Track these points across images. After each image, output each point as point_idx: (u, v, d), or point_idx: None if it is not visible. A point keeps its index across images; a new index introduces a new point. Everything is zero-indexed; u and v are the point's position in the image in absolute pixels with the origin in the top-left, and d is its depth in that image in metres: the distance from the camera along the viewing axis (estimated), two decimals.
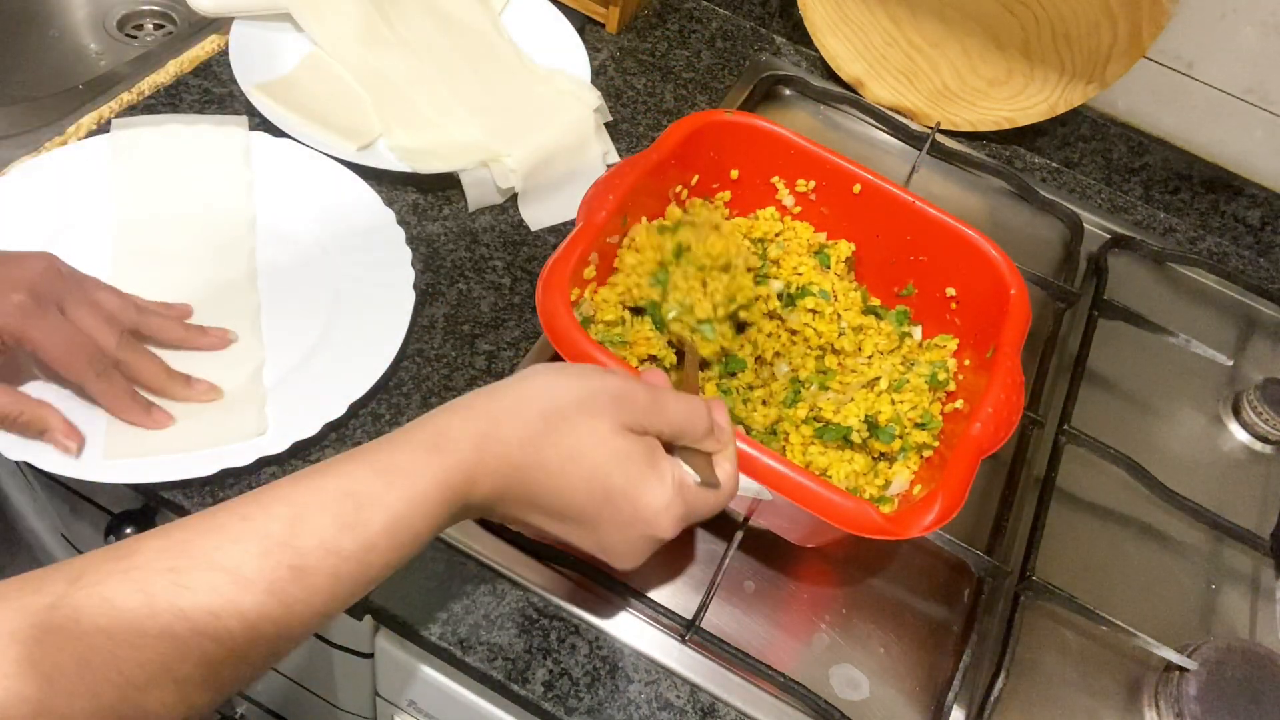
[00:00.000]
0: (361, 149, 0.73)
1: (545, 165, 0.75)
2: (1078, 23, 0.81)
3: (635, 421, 0.45)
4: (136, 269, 0.63)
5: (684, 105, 0.88)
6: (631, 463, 0.45)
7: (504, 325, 0.69)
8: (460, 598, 0.57)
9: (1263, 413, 0.76)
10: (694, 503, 0.47)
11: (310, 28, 0.78)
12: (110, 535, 0.64)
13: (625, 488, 0.44)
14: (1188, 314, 0.86)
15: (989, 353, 0.61)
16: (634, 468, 0.45)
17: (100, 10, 0.98)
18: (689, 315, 0.62)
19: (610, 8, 0.90)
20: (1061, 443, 0.69)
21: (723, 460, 0.49)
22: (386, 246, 0.67)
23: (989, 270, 0.65)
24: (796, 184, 0.70)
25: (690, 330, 0.62)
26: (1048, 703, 0.61)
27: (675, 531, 0.46)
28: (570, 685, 0.55)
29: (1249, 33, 0.81)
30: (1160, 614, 0.66)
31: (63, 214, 0.64)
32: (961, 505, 0.52)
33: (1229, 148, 0.89)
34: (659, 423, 0.46)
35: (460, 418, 0.43)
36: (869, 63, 0.92)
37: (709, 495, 0.48)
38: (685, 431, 0.47)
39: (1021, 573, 0.63)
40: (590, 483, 0.44)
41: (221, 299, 0.63)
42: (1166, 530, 0.71)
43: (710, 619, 0.58)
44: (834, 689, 0.58)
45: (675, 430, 0.47)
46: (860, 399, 0.62)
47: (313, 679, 0.79)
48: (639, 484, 0.45)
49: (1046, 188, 0.91)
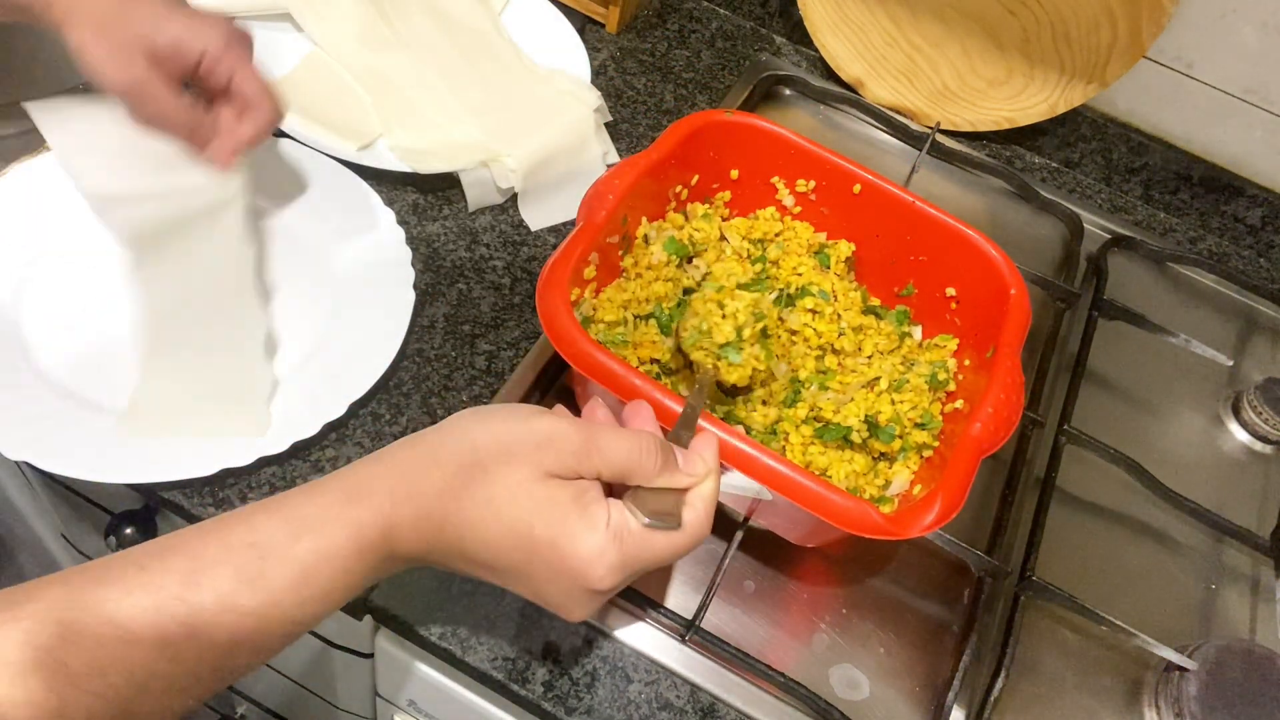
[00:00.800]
0: (361, 149, 0.73)
1: (545, 165, 0.75)
2: (1078, 23, 0.81)
3: (563, 466, 0.42)
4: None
5: (684, 105, 0.88)
6: (555, 511, 0.42)
7: (504, 325, 0.69)
8: (460, 598, 0.57)
9: (1263, 413, 0.76)
10: (639, 549, 0.43)
11: (310, 28, 0.78)
12: (110, 535, 0.64)
13: (550, 538, 0.41)
14: (1188, 314, 0.86)
15: (989, 353, 0.61)
16: (557, 516, 0.42)
17: None
18: (708, 340, 0.58)
19: (610, 8, 0.90)
20: (1061, 443, 0.69)
21: (694, 500, 0.45)
22: (386, 246, 0.67)
23: (989, 270, 0.65)
24: (796, 184, 0.70)
25: (715, 358, 0.59)
26: (1048, 703, 0.61)
27: (613, 581, 0.42)
28: (570, 685, 0.55)
29: (1249, 33, 0.81)
30: (1160, 614, 0.66)
31: (63, 214, 0.64)
32: (961, 505, 0.52)
33: (1229, 148, 0.89)
34: (594, 465, 0.43)
35: (378, 468, 0.42)
36: (869, 63, 0.92)
37: (661, 540, 0.44)
38: (630, 471, 0.44)
39: (1021, 573, 0.63)
40: (512, 535, 0.42)
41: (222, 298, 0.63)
42: (1166, 530, 0.71)
43: (710, 619, 0.58)
44: (834, 689, 0.58)
45: (616, 471, 0.43)
46: (860, 399, 0.62)
47: (313, 679, 0.79)
48: (564, 533, 0.41)
49: (1046, 188, 0.91)
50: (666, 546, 0.44)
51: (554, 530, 0.41)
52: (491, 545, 0.42)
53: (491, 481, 0.42)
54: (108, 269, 0.62)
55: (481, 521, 0.42)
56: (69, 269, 0.62)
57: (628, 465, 0.43)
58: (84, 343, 0.59)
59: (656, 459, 0.44)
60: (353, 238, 0.68)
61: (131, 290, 0.57)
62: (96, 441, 0.55)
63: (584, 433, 0.43)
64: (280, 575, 0.38)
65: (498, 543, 0.42)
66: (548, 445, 0.43)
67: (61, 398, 0.56)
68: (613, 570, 0.42)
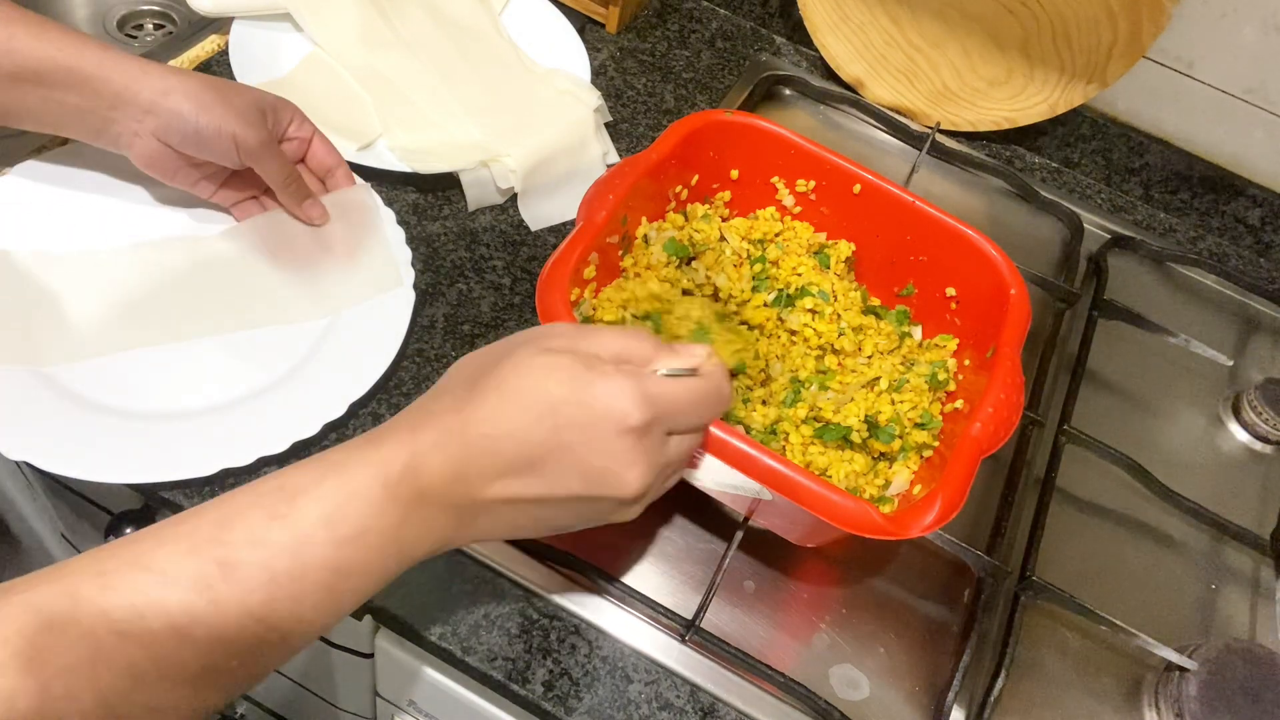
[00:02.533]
0: (361, 149, 0.73)
1: (545, 165, 0.75)
2: (1078, 23, 0.81)
3: (564, 345, 0.43)
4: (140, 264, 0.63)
5: (684, 105, 0.88)
6: (563, 372, 0.41)
7: (504, 325, 0.69)
8: (460, 598, 0.57)
9: (1263, 413, 0.76)
10: (661, 389, 0.43)
11: (310, 28, 0.78)
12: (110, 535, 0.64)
13: (566, 395, 0.41)
14: (1188, 314, 0.86)
15: (989, 353, 0.61)
16: (568, 374, 0.41)
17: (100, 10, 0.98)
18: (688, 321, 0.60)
19: (610, 8, 0.90)
20: (1061, 443, 0.69)
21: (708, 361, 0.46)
22: (386, 246, 0.67)
23: (989, 270, 0.65)
24: (796, 184, 0.70)
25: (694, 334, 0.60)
26: (1048, 703, 0.61)
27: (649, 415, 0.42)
28: (570, 685, 0.55)
29: (1249, 33, 0.81)
30: (1160, 614, 0.66)
31: (64, 214, 0.64)
32: (961, 505, 0.52)
33: (1229, 148, 0.89)
34: (590, 346, 0.43)
35: (397, 415, 0.43)
36: (869, 63, 0.92)
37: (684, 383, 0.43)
38: (626, 353, 0.44)
39: (1021, 573, 0.63)
40: (531, 408, 0.41)
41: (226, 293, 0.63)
42: (1166, 530, 0.71)
43: (710, 619, 0.58)
44: (834, 689, 0.58)
45: (613, 353, 0.43)
46: (860, 399, 0.62)
47: (313, 679, 0.79)
48: (582, 385, 0.41)
49: (1046, 188, 0.91)
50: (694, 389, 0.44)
51: (567, 387, 0.41)
52: (516, 432, 0.41)
53: (497, 378, 0.42)
54: (108, 269, 0.62)
55: (500, 413, 0.41)
56: (69, 269, 0.62)
57: (624, 348, 0.44)
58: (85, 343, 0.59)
59: (651, 343, 0.45)
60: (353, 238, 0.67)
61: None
62: (96, 441, 0.55)
63: (578, 326, 0.45)
64: (311, 513, 0.38)
65: (522, 424, 0.41)
66: (544, 333, 0.44)
67: (62, 398, 0.56)
68: (640, 402, 0.41)
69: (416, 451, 0.40)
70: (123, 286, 0.62)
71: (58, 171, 0.65)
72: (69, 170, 0.65)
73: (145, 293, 0.62)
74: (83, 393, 0.57)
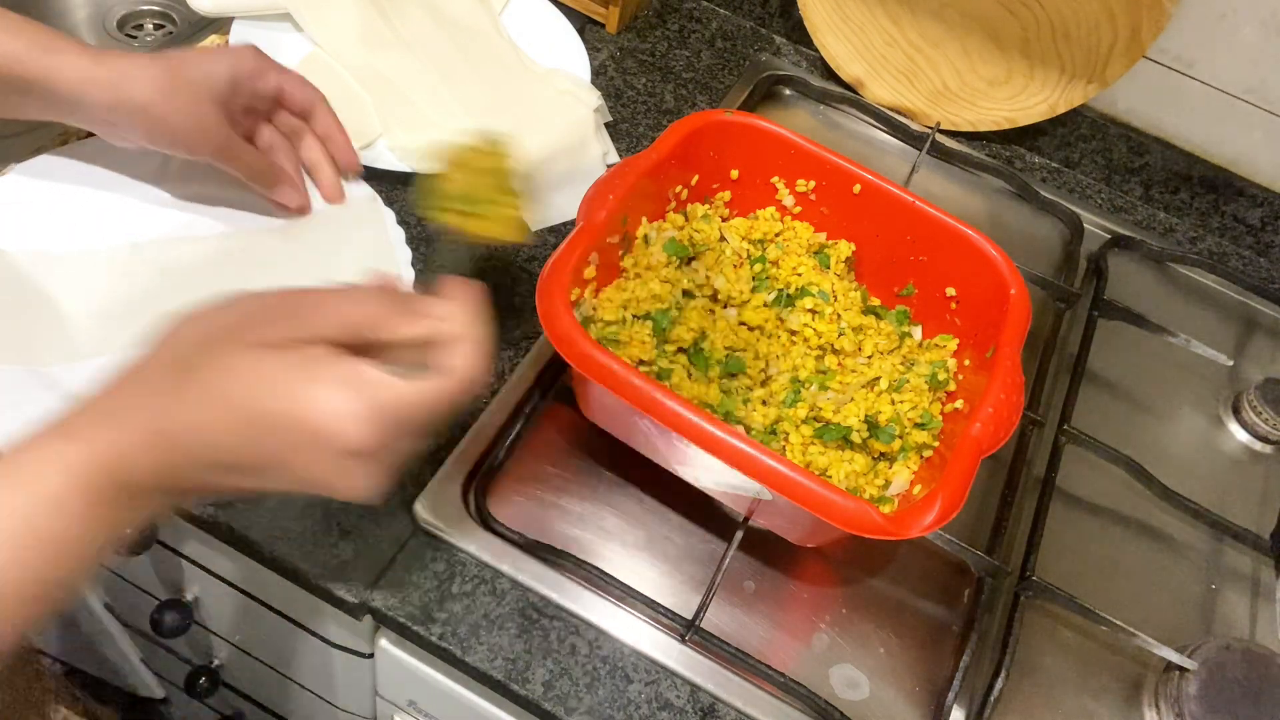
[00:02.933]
0: (361, 149, 0.72)
1: (545, 165, 0.75)
2: (1078, 23, 0.81)
3: (280, 335, 0.39)
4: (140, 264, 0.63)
5: (684, 105, 0.88)
6: (280, 380, 0.38)
7: (504, 325, 0.68)
8: (460, 598, 0.57)
9: (1263, 413, 0.76)
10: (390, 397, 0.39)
11: (310, 28, 0.78)
12: None
13: (282, 409, 0.38)
14: (1188, 314, 0.86)
15: (989, 353, 0.61)
16: (281, 384, 0.38)
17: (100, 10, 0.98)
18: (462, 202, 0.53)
19: (610, 8, 0.90)
20: (1061, 443, 0.69)
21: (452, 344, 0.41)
22: (386, 246, 0.67)
23: (989, 270, 0.65)
24: (796, 184, 0.70)
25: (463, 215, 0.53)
26: (1048, 703, 0.61)
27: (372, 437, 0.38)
28: (570, 685, 0.55)
29: (1249, 33, 0.81)
30: (1160, 614, 0.66)
31: (64, 214, 0.64)
32: (961, 505, 0.52)
33: (1229, 148, 0.89)
34: (317, 325, 0.39)
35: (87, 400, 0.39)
36: (869, 63, 0.92)
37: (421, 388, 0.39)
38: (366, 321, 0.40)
39: (1021, 573, 0.63)
40: (244, 420, 0.38)
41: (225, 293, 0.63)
42: (1166, 530, 0.71)
43: (710, 619, 0.58)
44: (834, 689, 0.58)
45: (348, 323, 0.40)
46: (860, 399, 0.62)
47: (313, 679, 0.79)
48: (298, 399, 0.38)
49: (1046, 188, 0.91)
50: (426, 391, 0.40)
51: (283, 400, 0.38)
52: (228, 441, 0.38)
53: (201, 373, 0.38)
54: (108, 269, 0.62)
55: (210, 421, 0.38)
56: (69, 269, 0.62)
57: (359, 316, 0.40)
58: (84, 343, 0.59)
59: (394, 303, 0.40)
60: (353, 237, 0.67)
61: None
62: None
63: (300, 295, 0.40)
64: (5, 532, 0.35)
65: (233, 435, 0.38)
66: (256, 318, 0.39)
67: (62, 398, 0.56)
68: (364, 423, 0.38)
69: (122, 454, 0.38)
70: (123, 286, 0.62)
71: (58, 171, 0.65)
72: (69, 169, 0.65)
73: (145, 292, 0.62)
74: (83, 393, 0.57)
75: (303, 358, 0.38)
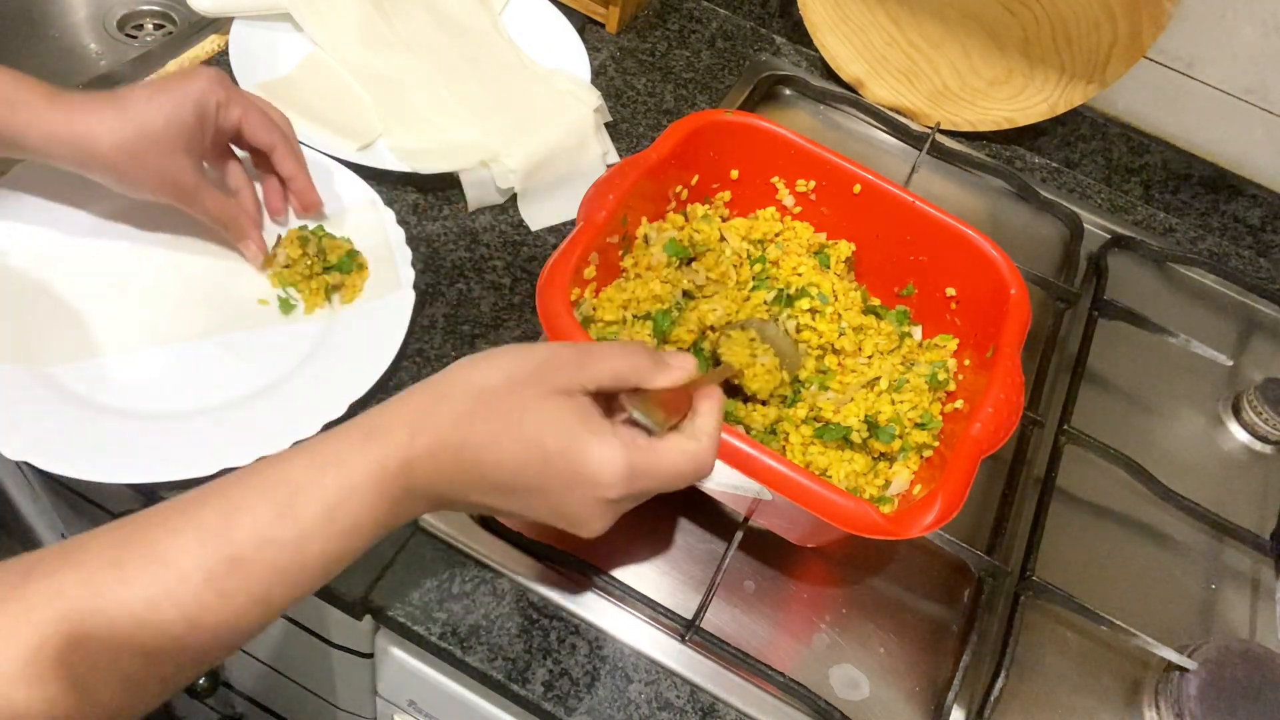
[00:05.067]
0: (361, 149, 0.73)
1: (545, 165, 0.75)
2: (1078, 23, 0.81)
3: (565, 382, 0.45)
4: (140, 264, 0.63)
5: (684, 105, 0.88)
6: (563, 424, 0.44)
7: (504, 325, 0.69)
8: (460, 598, 0.57)
9: (1263, 413, 0.76)
10: (646, 458, 0.45)
11: (310, 28, 0.78)
12: None
13: (561, 447, 0.43)
14: (1188, 314, 0.86)
15: (989, 353, 0.61)
16: (565, 428, 0.44)
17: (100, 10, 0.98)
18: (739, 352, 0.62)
19: (610, 8, 0.90)
20: (1061, 443, 0.69)
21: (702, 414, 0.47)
22: (386, 246, 0.67)
23: (989, 270, 0.65)
24: (796, 184, 0.70)
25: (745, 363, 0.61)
26: (1048, 703, 0.61)
27: (624, 489, 0.44)
28: (570, 685, 0.55)
29: (1249, 33, 0.81)
30: (1160, 614, 0.66)
31: (64, 214, 0.64)
32: (961, 505, 0.52)
33: (1229, 148, 0.89)
34: (591, 374, 0.45)
35: (394, 408, 0.44)
36: (869, 63, 0.92)
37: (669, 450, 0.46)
38: (626, 372, 0.46)
39: (1021, 573, 0.63)
40: (526, 449, 0.43)
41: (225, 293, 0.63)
42: (1166, 530, 0.71)
43: (710, 619, 0.58)
44: (834, 689, 0.58)
45: (613, 374, 0.46)
46: (860, 399, 0.62)
47: (313, 679, 0.79)
48: (575, 443, 0.44)
49: (1046, 188, 0.91)
50: (676, 457, 0.46)
51: (564, 441, 0.43)
52: (506, 464, 0.43)
53: (501, 404, 0.44)
54: (108, 269, 0.62)
55: (495, 442, 0.43)
56: (69, 269, 0.62)
57: (621, 368, 0.46)
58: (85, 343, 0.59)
59: (648, 357, 0.47)
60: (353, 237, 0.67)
61: None
62: (96, 441, 0.55)
63: (577, 347, 0.47)
64: (312, 509, 0.40)
65: (512, 460, 0.43)
66: (548, 365, 0.45)
67: (62, 398, 0.56)
68: (622, 478, 0.44)
69: (412, 456, 0.42)
70: (122, 287, 0.62)
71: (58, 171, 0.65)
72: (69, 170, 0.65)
73: (145, 293, 0.62)
74: (83, 393, 0.57)
75: (584, 409, 0.45)
